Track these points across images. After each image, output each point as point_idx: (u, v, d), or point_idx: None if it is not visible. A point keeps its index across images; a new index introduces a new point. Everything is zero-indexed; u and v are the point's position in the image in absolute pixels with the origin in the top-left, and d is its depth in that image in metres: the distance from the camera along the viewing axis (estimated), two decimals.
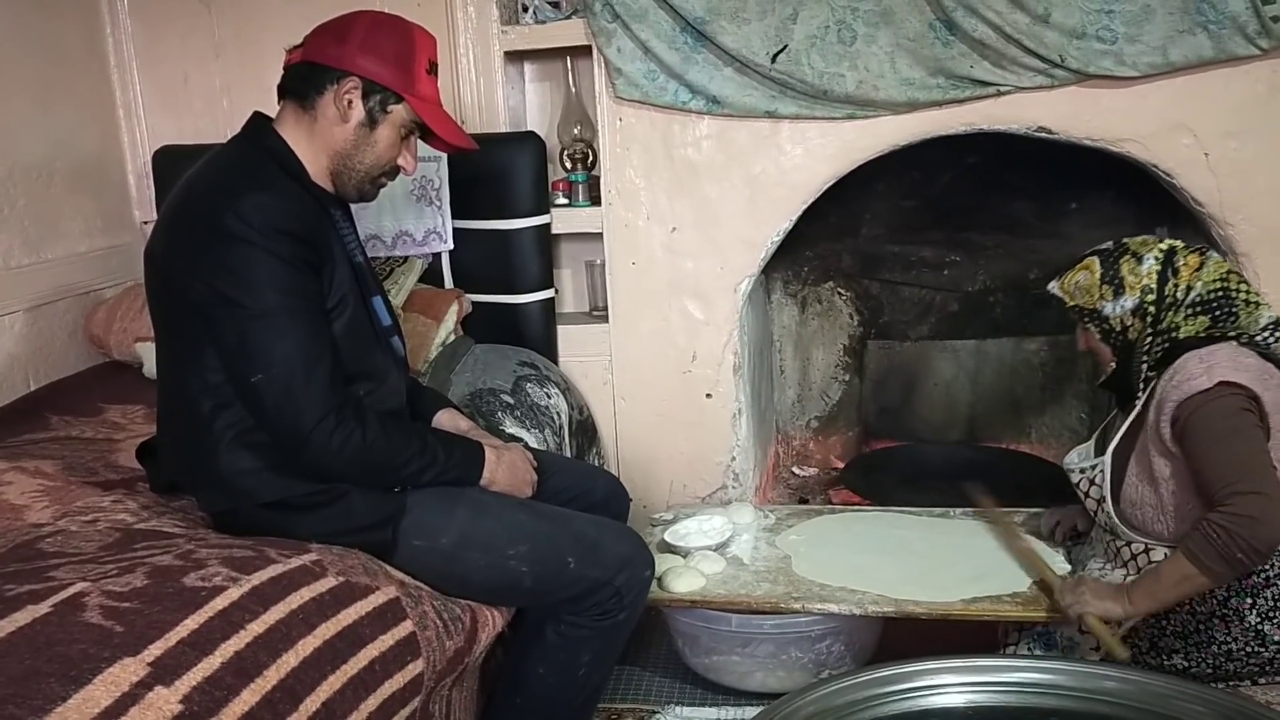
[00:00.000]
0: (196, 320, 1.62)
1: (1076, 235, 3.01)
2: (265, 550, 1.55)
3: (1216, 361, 1.75)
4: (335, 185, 1.77)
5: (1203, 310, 1.82)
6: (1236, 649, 1.77)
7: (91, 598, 1.35)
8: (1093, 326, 1.93)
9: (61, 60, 2.86)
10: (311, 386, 1.59)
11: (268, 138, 1.72)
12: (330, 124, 1.71)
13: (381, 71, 1.70)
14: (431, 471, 1.73)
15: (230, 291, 1.57)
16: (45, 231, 2.76)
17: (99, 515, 1.75)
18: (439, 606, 1.66)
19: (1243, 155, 2.39)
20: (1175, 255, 1.86)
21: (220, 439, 1.64)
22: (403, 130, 1.75)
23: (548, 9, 2.77)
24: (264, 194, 1.60)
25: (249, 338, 1.58)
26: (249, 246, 1.57)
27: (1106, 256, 1.91)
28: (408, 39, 1.74)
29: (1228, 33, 2.25)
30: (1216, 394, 1.72)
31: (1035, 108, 2.44)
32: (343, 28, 1.71)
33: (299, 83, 1.72)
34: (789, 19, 2.45)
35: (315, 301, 1.65)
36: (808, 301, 3.37)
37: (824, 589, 2.08)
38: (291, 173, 1.70)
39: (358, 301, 1.75)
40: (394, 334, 1.91)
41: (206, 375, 1.63)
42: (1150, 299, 1.85)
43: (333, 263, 1.69)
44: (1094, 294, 1.90)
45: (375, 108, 1.71)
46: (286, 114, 1.74)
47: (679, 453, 2.88)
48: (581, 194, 2.85)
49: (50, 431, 2.27)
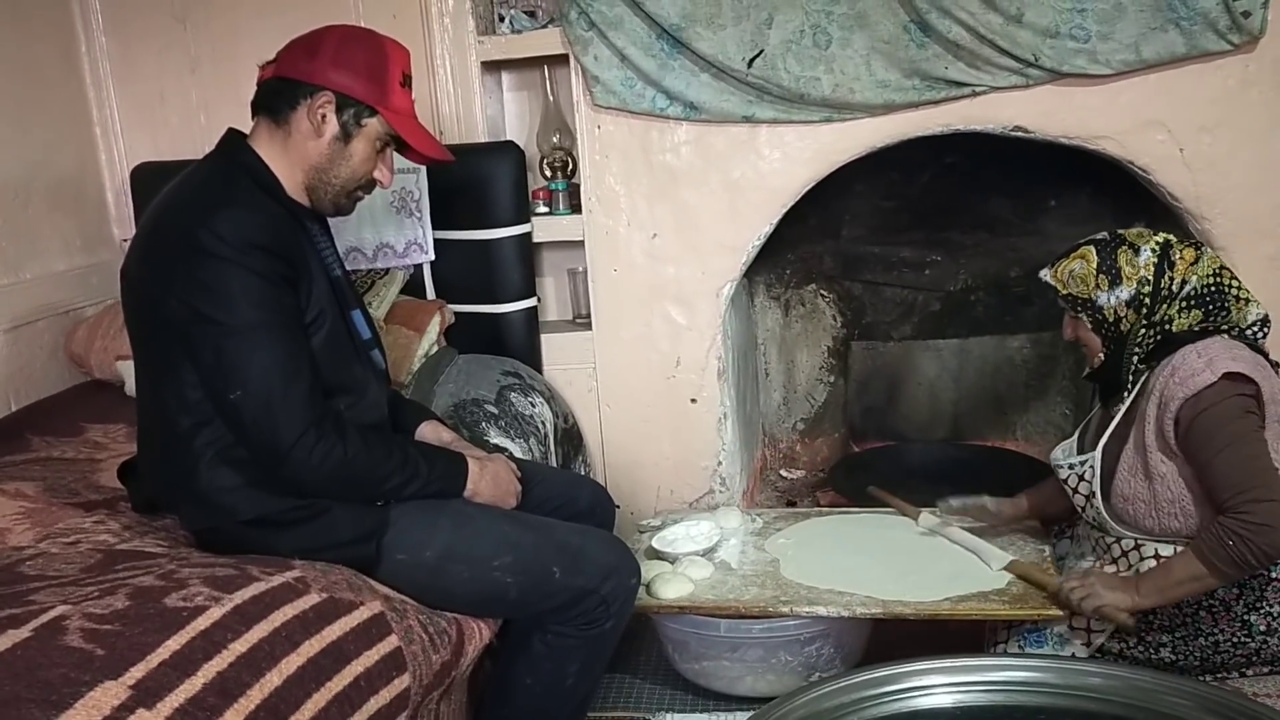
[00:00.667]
0: (173, 338, 1.61)
1: (1055, 232, 3.03)
2: (248, 568, 1.54)
3: (1215, 354, 1.75)
4: (311, 199, 1.76)
5: (1197, 304, 1.83)
6: (1224, 640, 1.78)
7: (72, 621, 1.34)
8: (1085, 316, 1.92)
9: (37, 78, 2.84)
10: (290, 401, 1.58)
11: (242, 153, 1.71)
12: (304, 139, 1.70)
13: (354, 85, 1.69)
14: (414, 485, 1.73)
15: (206, 308, 1.56)
16: (24, 251, 2.75)
17: (80, 536, 1.73)
18: (424, 620, 1.65)
19: (1217, 150, 2.40)
20: (1171, 248, 1.87)
21: (200, 456, 1.63)
22: (378, 143, 1.75)
23: (524, 19, 2.77)
24: (238, 210, 1.60)
25: (226, 354, 1.57)
26: (224, 263, 1.56)
27: (1103, 246, 1.89)
28: (380, 52, 1.73)
29: (1199, 29, 2.27)
30: (1222, 391, 1.73)
31: (1011, 107, 2.45)
32: (315, 42, 1.71)
33: (272, 98, 1.71)
34: (764, 24, 2.45)
35: (292, 316, 1.64)
36: (791, 304, 3.38)
37: (812, 592, 2.08)
38: (266, 188, 1.69)
39: (336, 315, 1.75)
40: (374, 347, 1.90)
41: (185, 392, 1.62)
42: (1146, 290, 1.85)
43: (309, 277, 1.68)
44: (1089, 283, 1.88)
45: (349, 121, 1.71)
46: (260, 129, 1.73)
47: (665, 458, 2.88)
48: (562, 202, 2.85)
49: (31, 452, 2.25)
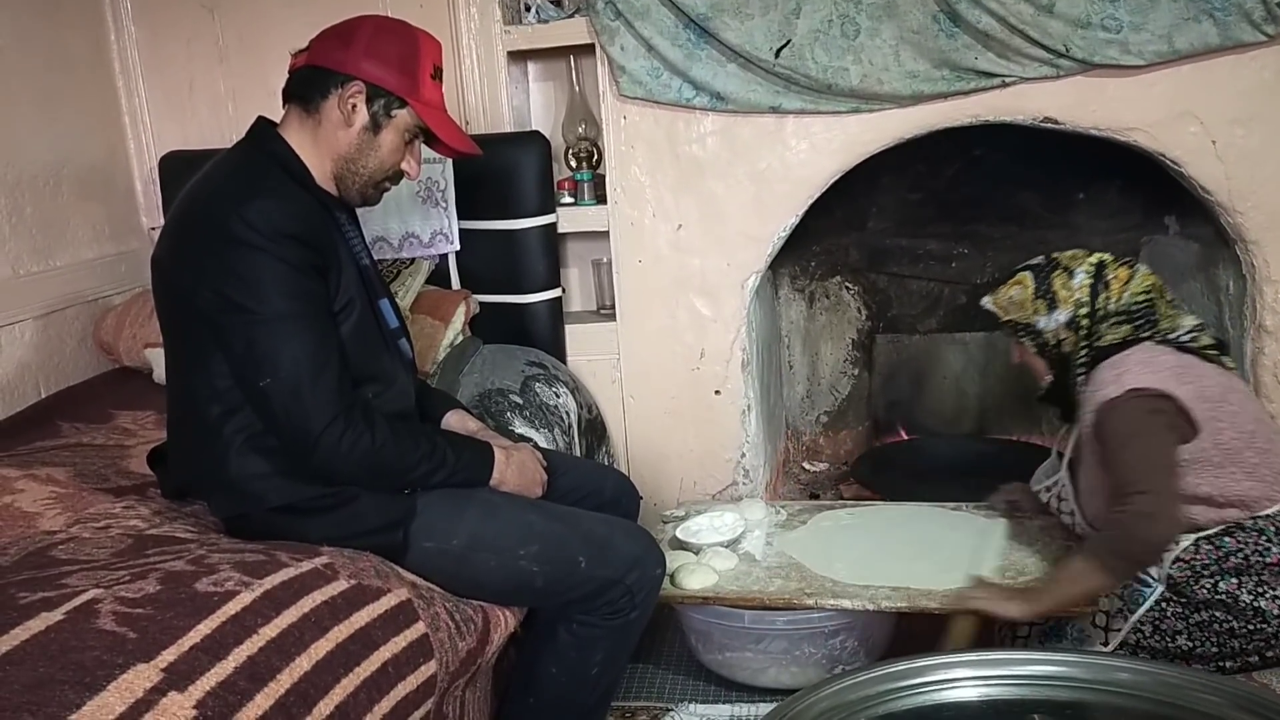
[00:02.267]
0: (203, 326, 1.62)
1: (1085, 225, 3.01)
2: (277, 554, 1.55)
3: (1127, 368, 1.80)
4: (338, 189, 1.77)
5: (1126, 319, 1.87)
6: (1239, 627, 1.79)
7: (104, 604, 1.36)
8: (1028, 341, 1.99)
9: (67, 68, 2.86)
10: (319, 390, 1.59)
11: (271, 142, 1.72)
12: (334, 128, 1.71)
13: (386, 76, 1.69)
14: (441, 473, 1.73)
15: (237, 297, 1.57)
16: (53, 239, 2.77)
17: (111, 522, 1.75)
18: (451, 608, 1.66)
19: (1250, 143, 2.38)
20: (1105, 269, 1.92)
21: (230, 444, 1.64)
22: (406, 135, 1.75)
23: (550, 8, 2.77)
24: (269, 199, 1.60)
25: (256, 343, 1.58)
26: (255, 251, 1.57)
27: (1039, 271, 1.96)
28: (412, 43, 1.74)
29: (1234, 20, 2.24)
30: (1126, 399, 1.76)
31: (1041, 98, 2.43)
32: (348, 32, 1.71)
33: (303, 86, 1.72)
34: (792, 13, 2.44)
35: (322, 305, 1.65)
36: (815, 296, 3.37)
37: (836, 585, 2.08)
38: (296, 177, 1.70)
39: (365, 304, 1.75)
40: (401, 336, 1.90)
41: (215, 381, 1.63)
42: (1083, 312, 1.91)
43: (339, 266, 1.69)
44: (1027, 309, 1.96)
45: (379, 112, 1.71)
46: (291, 118, 1.74)
47: (689, 450, 2.88)
48: (587, 193, 2.85)
49: (61, 439, 2.27)
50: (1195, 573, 1.80)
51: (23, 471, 1.98)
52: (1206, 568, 1.79)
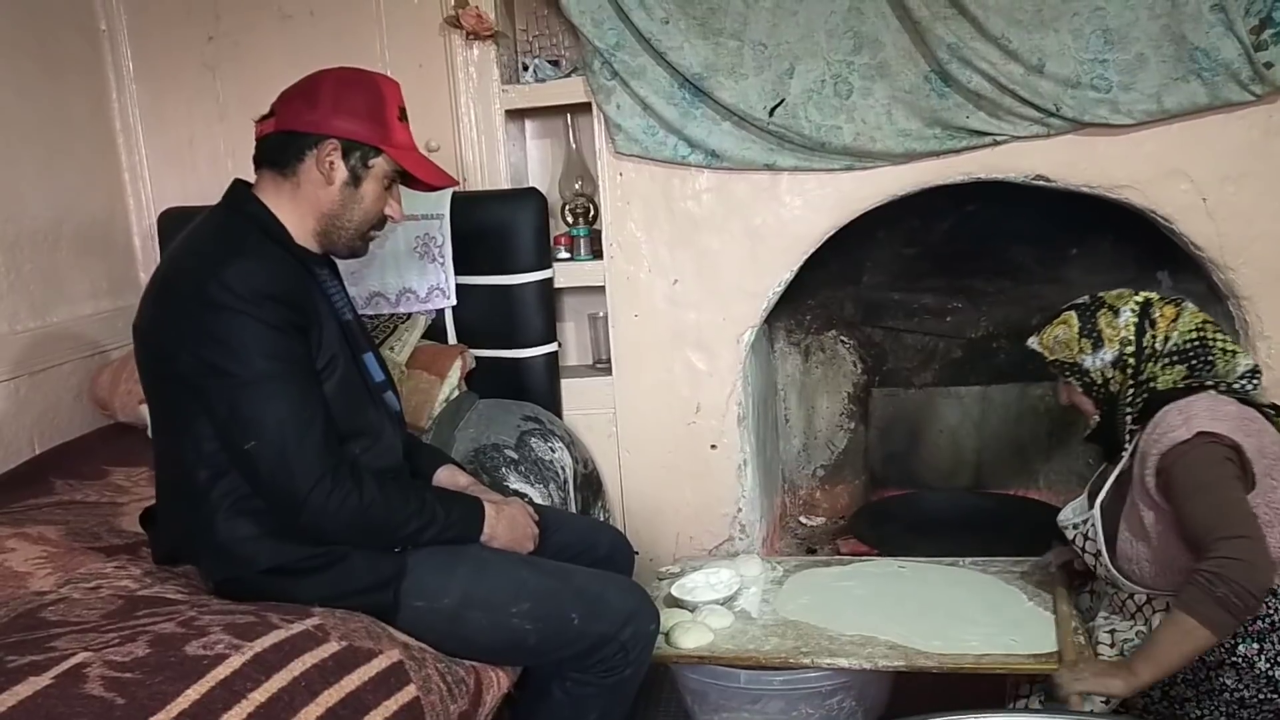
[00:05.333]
0: (186, 391, 1.62)
1: (1078, 280, 3.02)
2: (268, 616, 1.54)
3: (1195, 413, 1.76)
4: (325, 245, 1.78)
5: (1179, 360, 1.84)
6: (1249, 696, 1.74)
7: (93, 668, 1.35)
8: (1074, 380, 1.95)
9: (68, 125, 2.89)
10: (305, 450, 1.59)
11: (248, 204, 1.73)
12: (315, 187, 1.72)
13: (357, 129, 1.71)
14: (431, 530, 1.72)
15: (218, 360, 1.57)
16: (51, 294, 2.78)
17: (102, 582, 1.74)
18: (443, 669, 1.64)
19: (1241, 199, 2.40)
20: (1151, 307, 1.89)
21: (217, 507, 1.64)
22: (385, 181, 1.77)
23: (547, 68, 2.80)
24: (247, 260, 1.61)
25: (240, 406, 1.58)
26: (234, 314, 1.57)
27: (1083, 310, 1.94)
28: (375, 91, 1.75)
29: (1221, 80, 2.27)
30: (1197, 443, 1.72)
31: (1032, 156, 2.46)
32: (311, 91, 1.73)
33: (276, 152, 1.73)
34: (785, 73, 2.48)
35: (304, 364, 1.65)
36: (811, 350, 3.37)
37: (833, 643, 2.06)
38: (274, 237, 1.71)
39: (348, 359, 1.76)
40: (387, 389, 1.90)
41: (201, 445, 1.63)
42: (1129, 351, 1.88)
43: (319, 323, 1.69)
44: (1073, 348, 1.93)
45: (357, 165, 1.73)
46: (265, 181, 1.75)
47: (685, 504, 2.87)
48: (583, 248, 2.87)
49: (54, 496, 2.26)
50: None
51: (14, 530, 1.97)
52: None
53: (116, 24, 3.02)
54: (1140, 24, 2.28)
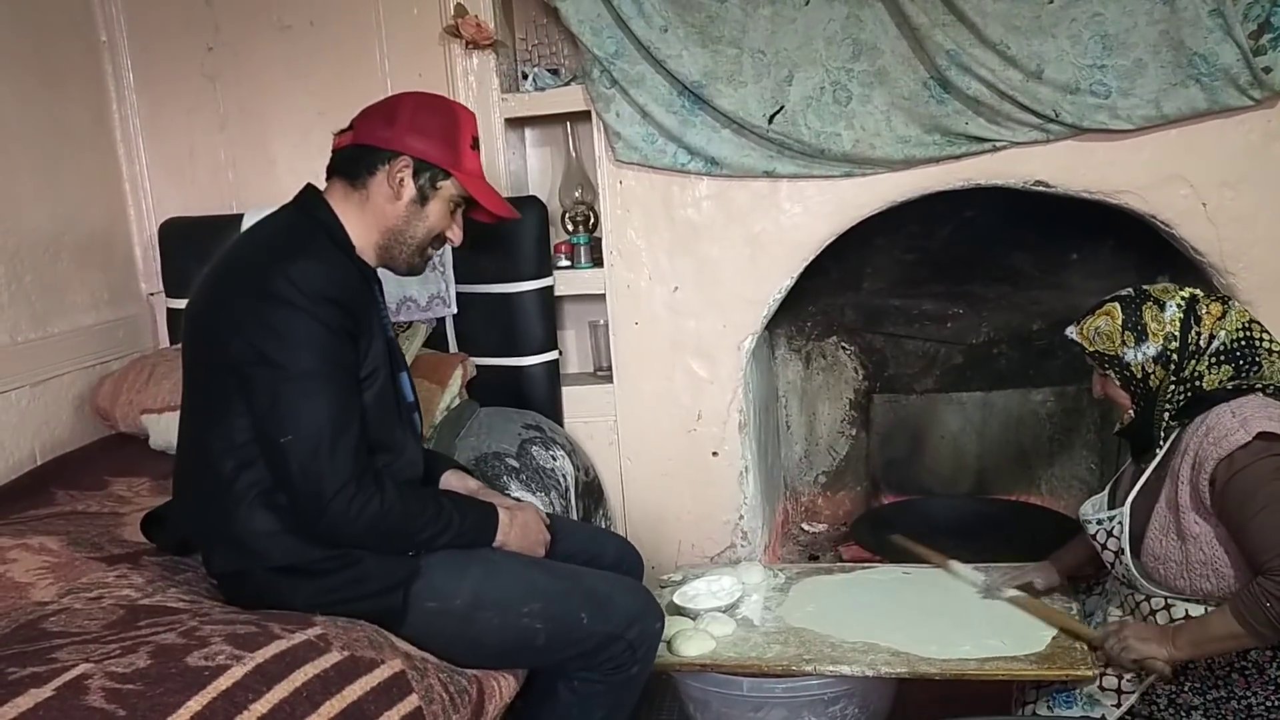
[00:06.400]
0: (232, 377, 1.63)
1: (1078, 286, 3.02)
2: (269, 626, 1.53)
3: (1250, 414, 1.72)
4: (384, 259, 1.82)
5: (1226, 359, 1.80)
6: (1256, 703, 1.74)
7: (94, 680, 1.34)
8: (1113, 373, 1.90)
9: (69, 136, 2.90)
10: (338, 452, 1.61)
11: (319, 209, 1.77)
12: (384, 201, 1.76)
13: (430, 150, 1.75)
14: (447, 535, 1.74)
15: (270, 351, 1.60)
16: (52, 305, 2.78)
17: (103, 591, 1.74)
18: (445, 679, 1.64)
19: (1241, 204, 2.40)
20: (1198, 303, 1.85)
21: (241, 498, 1.66)
22: (451, 205, 1.81)
23: (547, 77, 2.81)
24: (314, 261, 1.65)
25: (282, 398, 1.60)
26: (295, 310, 1.60)
27: (1128, 303, 1.88)
28: (451, 117, 1.80)
29: (1220, 84, 2.27)
30: (1257, 452, 1.69)
31: (1031, 162, 2.46)
32: (390, 110, 1.78)
33: (350, 164, 1.77)
34: (784, 81, 2.48)
35: (349, 370, 1.67)
36: (812, 357, 3.38)
37: (836, 650, 2.05)
38: (340, 244, 1.74)
39: (387, 375, 1.79)
40: (415, 410, 1.94)
41: (234, 435, 1.65)
42: (1174, 346, 1.83)
43: (370, 334, 1.73)
44: (1115, 340, 1.87)
45: (426, 185, 1.77)
46: (335, 191, 1.79)
47: (686, 512, 2.87)
48: (583, 256, 2.87)
49: (55, 506, 2.26)
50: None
51: (16, 540, 1.97)
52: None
53: (117, 35, 3.03)
54: (1139, 30, 2.28)
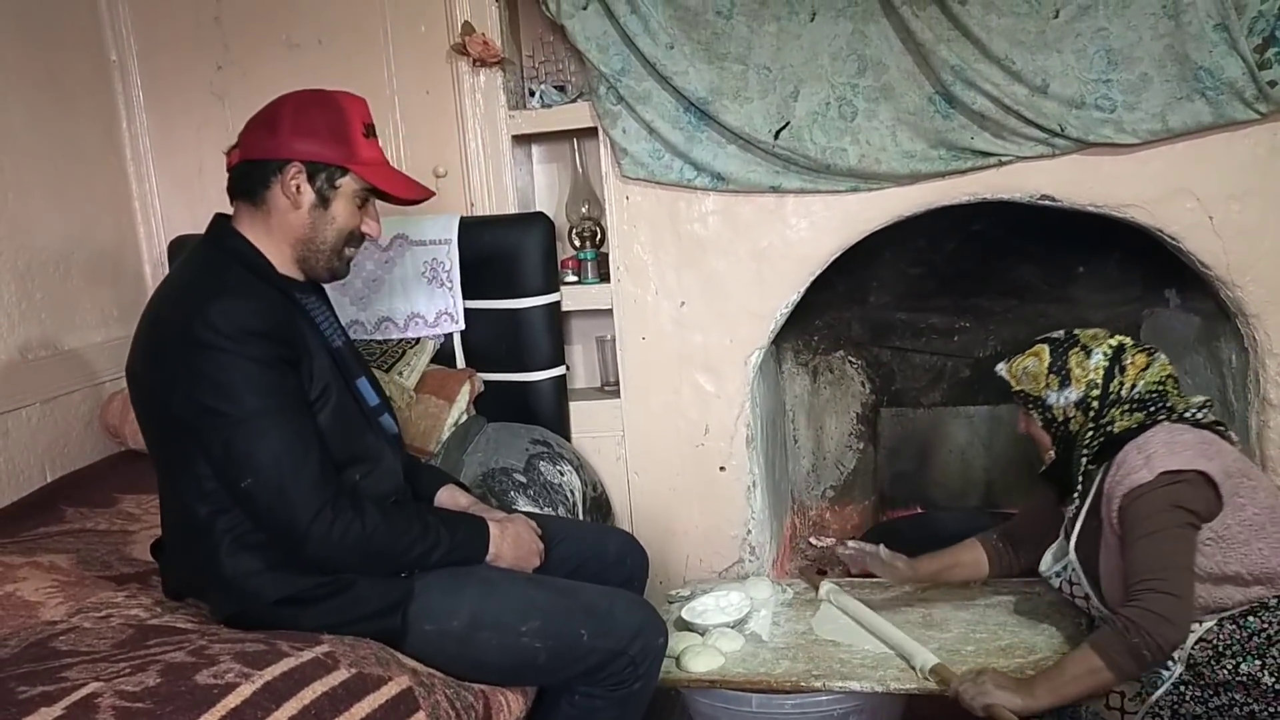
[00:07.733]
0: (182, 432, 1.61)
1: (1085, 299, 3.02)
2: (278, 644, 1.53)
3: (1154, 450, 1.77)
4: (304, 270, 1.77)
5: (1139, 408, 1.85)
6: (1260, 711, 1.74)
7: (104, 698, 1.34)
8: (1035, 414, 1.96)
9: (78, 154, 2.91)
10: (301, 483, 1.59)
11: (227, 238, 1.72)
12: (285, 213, 1.71)
13: (320, 150, 1.69)
14: (437, 552, 1.72)
15: (210, 400, 1.57)
16: (62, 323, 2.80)
17: (112, 611, 1.74)
18: (451, 695, 1.64)
19: (1247, 217, 2.40)
20: (1124, 352, 1.89)
21: (220, 543, 1.64)
22: (357, 199, 1.75)
23: (553, 93, 2.82)
24: (230, 298, 1.60)
25: (234, 444, 1.57)
26: (222, 353, 1.56)
27: (1057, 346, 1.94)
28: (337, 110, 1.73)
29: (1226, 98, 2.27)
30: (1155, 485, 1.74)
31: (1037, 176, 2.46)
32: (270, 117, 1.72)
33: (244, 182, 1.72)
34: (790, 97, 2.49)
35: (296, 398, 1.64)
36: (819, 371, 3.37)
37: (845, 665, 2.05)
38: (257, 270, 1.70)
39: (341, 387, 1.75)
40: (383, 412, 1.90)
41: (202, 483, 1.63)
42: (1095, 394, 1.88)
43: (309, 354, 1.69)
44: (1040, 382, 1.93)
45: (323, 186, 1.71)
46: (241, 213, 1.74)
47: (694, 527, 2.86)
48: (590, 271, 2.88)
49: (65, 524, 2.27)
50: (1218, 653, 1.76)
51: (26, 559, 1.97)
52: (1229, 648, 1.76)
53: (126, 54, 3.05)
54: (1143, 44, 2.29)
